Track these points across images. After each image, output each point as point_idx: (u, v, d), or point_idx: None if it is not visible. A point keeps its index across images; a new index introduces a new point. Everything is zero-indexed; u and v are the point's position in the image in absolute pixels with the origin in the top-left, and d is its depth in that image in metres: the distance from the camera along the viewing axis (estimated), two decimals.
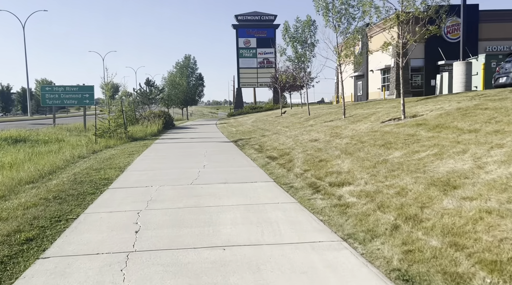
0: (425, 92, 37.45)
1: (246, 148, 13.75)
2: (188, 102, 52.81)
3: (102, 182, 8.25)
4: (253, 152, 12.46)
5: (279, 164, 9.66)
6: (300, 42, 21.42)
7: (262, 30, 58.75)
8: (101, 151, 14.76)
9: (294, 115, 25.01)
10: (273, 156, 11.01)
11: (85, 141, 17.86)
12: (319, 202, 6.00)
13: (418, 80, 39.97)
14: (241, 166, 10.04)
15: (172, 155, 12.65)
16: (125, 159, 11.84)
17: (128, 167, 10.14)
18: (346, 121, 14.68)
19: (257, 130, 20.46)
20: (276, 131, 17.91)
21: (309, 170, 8.32)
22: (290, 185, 7.39)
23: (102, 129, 18.70)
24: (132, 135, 19.57)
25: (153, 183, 7.94)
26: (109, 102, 19.09)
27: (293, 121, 20.72)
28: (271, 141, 14.31)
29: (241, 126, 26.70)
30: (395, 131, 10.05)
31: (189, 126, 32.60)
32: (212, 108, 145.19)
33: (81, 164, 11.30)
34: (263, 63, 59.53)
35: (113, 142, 17.45)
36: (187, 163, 10.74)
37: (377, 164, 7.46)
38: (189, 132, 24.24)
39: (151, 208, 5.96)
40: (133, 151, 13.89)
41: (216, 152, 13.21)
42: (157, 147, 15.48)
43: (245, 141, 15.95)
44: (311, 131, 14.31)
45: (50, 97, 29.09)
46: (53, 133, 23.67)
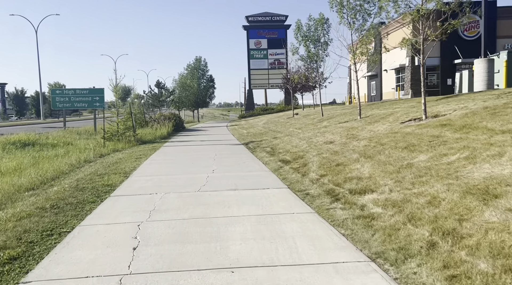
0: (441, 92, 36.45)
1: (257, 151, 13.16)
2: (199, 105, 52.46)
3: (105, 188, 7.74)
4: (264, 155, 11.86)
5: (292, 168, 9.05)
6: (312, 41, 20.77)
7: (273, 31, 58.15)
8: (109, 155, 14.33)
9: (307, 117, 24.35)
10: (286, 160, 10.40)
11: (93, 145, 17.50)
12: (339, 212, 5.38)
13: (434, 79, 38.93)
14: (252, 170, 9.45)
15: (180, 158, 12.13)
16: (131, 163, 11.35)
17: (133, 172, 9.63)
18: (362, 122, 13.99)
19: (269, 132, 19.87)
20: (288, 133, 17.29)
21: (325, 175, 7.69)
22: (306, 192, 6.78)
23: (111, 132, 18.31)
24: (141, 138, 19.15)
25: (158, 190, 7.40)
26: (118, 105, 18.71)
27: (306, 123, 20.08)
28: (283, 144, 13.70)
29: (252, 128, 26.14)
30: (418, 133, 9.36)
31: (200, 128, 32.17)
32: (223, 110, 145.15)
33: (86, 168, 10.84)
34: (274, 64, 58.91)
35: (121, 145, 17.04)
36: (196, 167, 10.20)
37: (402, 169, 6.80)
38: (199, 134, 23.76)
39: (153, 219, 5.40)
40: (140, 155, 13.41)
41: (226, 155, 12.66)
42: (166, 150, 14.99)
43: (256, 144, 15.37)
44: (325, 133, 13.66)
45: (60, 100, 29.00)
46: (62, 137, 23.43)
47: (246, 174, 8.98)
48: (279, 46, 58.26)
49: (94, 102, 28.47)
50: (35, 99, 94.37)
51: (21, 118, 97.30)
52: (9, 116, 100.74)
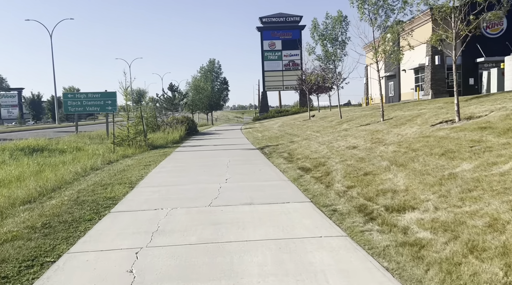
0: (463, 92, 35.04)
1: (273, 157, 12.28)
2: (213, 107, 51.79)
3: (106, 202, 6.96)
4: (282, 162, 10.98)
5: (314, 178, 8.14)
6: (330, 40, 19.82)
7: (287, 31, 57.24)
8: (117, 161, 13.65)
9: (324, 119, 23.37)
10: (306, 167, 9.49)
11: (103, 151, 16.89)
12: (377, 236, 4.46)
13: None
14: (269, 179, 8.57)
15: (191, 166, 11.33)
16: (139, 171, 10.60)
17: (140, 182, 8.85)
18: (386, 124, 12.99)
19: (285, 136, 18.97)
20: (306, 136, 16.36)
21: (353, 187, 6.77)
22: (333, 207, 5.87)
23: (121, 137, 17.67)
24: (152, 143, 18.46)
25: (164, 203, 6.59)
26: (129, 108, 18.07)
27: (324, 125, 19.12)
28: (301, 149, 12.79)
29: (267, 131, 25.28)
30: (454, 137, 8.36)
31: (213, 132, 31.44)
32: (237, 112, 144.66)
33: (91, 177, 10.13)
34: (289, 66, 57.97)
35: (131, 151, 16.36)
36: (207, 175, 9.37)
37: (444, 180, 5.84)
38: (212, 138, 23.01)
39: (155, 244, 4.58)
40: (150, 161, 12.67)
41: (241, 161, 11.81)
42: (177, 156, 14.23)
43: (272, 149, 14.49)
44: (347, 137, 12.70)
45: (72, 104, 28.64)
46: (73, 142, 22.98)
47: (262, 183, 8.11)
48: (293, 47, 57.31)
49: (106, 106, 28.03)
50: (51, 103, 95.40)
51: (37, 123, 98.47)
52: (26, 121, 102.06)
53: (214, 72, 51.30)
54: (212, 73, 51.04)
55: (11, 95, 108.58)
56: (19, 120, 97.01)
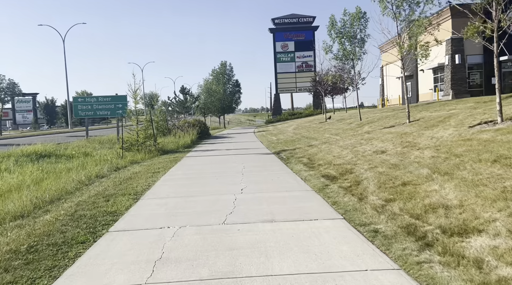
0: (485, 92, 33.64)
1: (292, 162, 11.30)
2: (225, 110, 51.04)
3: (105, 218, 6.08)
4: (302, 168, 9.99)
5: (342, 188, 7.14)
6: (348, 37, 18.79)
7: (300, 33, 56.26)
8: (125, 168, 12.83)
9: (342, 121, 22.29)
10: (330, 175, 8.49)
11: (111, 156, 16.14)
12: (442, 272, 3.45)
13: (477, 78, 36.01)
14: (290, 189, 7.60)
15: (203, 173, 10.41)
16: (146, 179, 9.72)
17: (146, 193, 7.96)
18: (415, 126, 11.91)
19: (302, 139, 17.97)
20: (325, 140, 15.34)
21: (393, 200, 5.75)
22: (373, 227, 4.87)
23: (130, 142, 16.89)
24: (162, 147, 17.64)
25: (171, 220, 5.67)
26: (138, 111, 17.30)
27: (343, 128, 18.06)
28: (322, 154, 11.78)
29: (281, 134, 24.30)
30: (502, 140, 7.28)
31: (226, 135, 30.58)
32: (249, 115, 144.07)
33: (94, 186, 9.29)
34: (302, 67, 56.95)
35: (140, 156, 15.55)
36: (220, 184, 8.44)
37: (508, 193, 4.80)
38: (225, 142, 22.11)
39: (157, 280, 3.64)
40: (159, 168, 11.80)
41: (256, 168, 10.85)
42: (188, 161, 13.34)
43: (289, 153, 13.51)
44: (372, 140, 11.66)
45: (82, 109, 28.17)
46: (82, 147, 22.37)
47: (283, 194, 7.14)
48: (306, 48, 56.33)
49: (117, 110, 27.42)
50: (64, 108, 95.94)
51: (51, 127, 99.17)
52: (40, 126, 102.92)
53: (226, 74, 50.60)
54: (224, 76, 50.33)
55: (25, 100, 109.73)
56: (33, 125, 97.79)
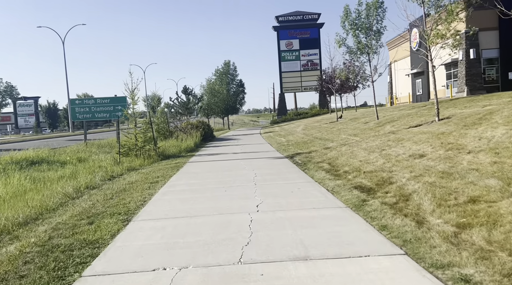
0: (502, 87, 32.02)
1: (311, 168, 9.81)
2: (229, 111, 49.55)
3: (83, 252, 4.62)
4: (325, 176, 8.49)
5: (387, 205, 5.63)
6: (363, 29, 17.27)
7: (305, 30, 54.69)
8: (121, 176, 11.40)
9: (355, 120, 20.76)
10: (364, 185, 6.99)
11: (107, 162, 14.75)
12: None
13: (493, 73, 34.36)
14: (317, 205, 6.11)
15: (208, 183, 8.93)
16: (142, 192, 8.27)
17: (140, 211, 6.50)
18: (450, 125, 10.39)
19: (315, 141, 16.46)
20: (343, 141, 13.83)
21: (468, 226, 4.24)
22: (458, 272, 3.36)
23: (128, 146, 15.46)
24: (163, 152, 16.19)
25: (168, 256, 4.20)
26: (136, 113, 15.87)
27: (360, 128, 16.54)
28: (344, 157, 10.28)
29: (290, 135, 22.79)
30: None
31: (231, 137, 29.11)
32: (253, 116, 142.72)
33: (81, 201, 7.85)
34: (307, 66, 55.38)
35: (139, 162, 14.12)
36: (230, 199, 6.97)
37: None
38: (231, 144, 20.64)
39: None
40: (158, 177, 10.35)
41: (270, 175, 9.37)
42: (191, 168, 11.88)
43: (305, 157, 12.01)
44: (401, 142, 10.14)
45: (80, 111, 26.90)
46: (79, 151, 21.04)
47: (310, 213, 5.65)
48: (312, 46, 54.82)
49: (116, 112, 26.09)
50: (66, 111, 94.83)
51: (53, 131, 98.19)
52: (42, 130, 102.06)
53: (230, 74, 49.13)
54: (228, 76, 48.86)
55: (27, 104, 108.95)
56: (35, 129, 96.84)
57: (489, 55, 33.02)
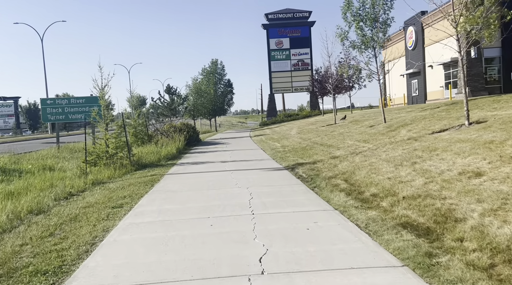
0: (504, 88, 30.38)
1: (322, 187, 7.61)
2: (216, 112, 47.14)
3: None
4: (346, 201, 6.31)
5: (477, 269, 3.46)
6: (369, 20, 15.21)
7: (295, 29, 52.67)
8: (81, 194, 9.10)
9: (357, 123, 18.68)
10: (416, 223, 4.80)
11: (73, 172, 12.43)
12: None
13: (494, 74, 32.71)
14: (356, 261, 3.90)
15: (188, 209, 6.65)
16: (96, 225, 5.96)
17: (77, 270, 4.20)
18: (493, 132, 8.31)
19: (315, 147, 14.31)
20: (352, 149, 11.68)
21: None
22: None
23: (97, 153, 13.10)
24: (139, 160, 13.83)
25: None
26: (107, 115, 13.49)
27: (367, 132, 14.43)
28: (364, 172, 8.10)
29: (285, 139, 20.61)
30: None
31: (219, 140, 26.80)
32: (240, 118, 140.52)
33: (6, 240, 5.52)
34: (298, 66, 53.36)
35: (108, 173, 11.76)
36: (218, 243, 4.71)
37: None
38: (219, 150, 18.36)
39: None
40: (125, 197, 8.03)
41: (271, 197, 7.14)
42: (169, 184, 9.57)
43: (310, 169, 9.83)
44: (435, 152, 8.01)
45: (52, 112, 24.36)
46: (48, 157, 18.54)
47: (350, 280, 3.45)
48: (303, 45, 52.86)
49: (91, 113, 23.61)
50: None
51: (34, 133, 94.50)
52: (23, 131, 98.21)
53: (217, 73, 46.74)
54: (215, 75, 46.48)
55: (7, 104, 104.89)
56: (14, 130, 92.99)
57: (489, 54, 31.37)
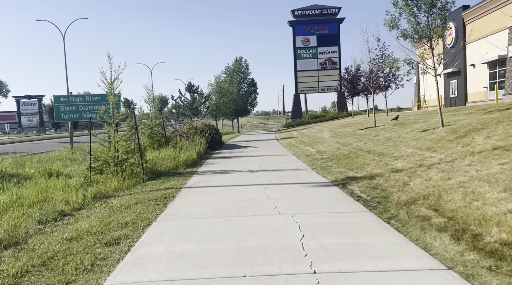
0: None
1: (401, 219, 5.32)
2: (239, 113, 45.07)
3: None
4: (455, 248, 4.03)
5: None
6: (427, 4, 12.78)
7: (323, 26, 50.10)
8: (76, 213, 7.08)
9: (403, 126, 16.18)
10: None
11: (78, 180, 10.56)
12: None
13: None
14: None
15: (214, 251, 4.46)
16: (73, 283, 3.85)
17: None
18: None
19: (362, 155, 11.95)
20: (414, 159, 9.29)
21: None
22: None
23: (104, 159, 11.13)
24: (154, 167, 11.79)
25: None
26: (116, 114, 11.54)
27: (426, 138, 11.97)
28: (456, 197, 5.75)
29: (319, 144, 18.28)
30: None
31: (243, 143, 24.66)
32: (262, 118, 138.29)
33: None
34: (325, 65, 50.77)
35: (115, 183, 9.75)
36: None
37: None
38: (244, 155, 16.20)
39: None
40: (126, 224, 5.93)
41: (330, 233, 4.89)
42: (187, 203, 7.41)
43: (369, 187, 7.52)
44: None
45: (66, 110, 22.78)
46: (58, 159, 16.85)
47: None
48: (331, 43, 50.29)
49: (108, 112, 21.84)
50: None
51: (57, 131, 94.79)
52: (47, 129, 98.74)
53: (241, 72, 44.65)
54: (239, 74, 44.40)
55: (31, 103, 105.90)
56: (37, 128, 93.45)
57: None
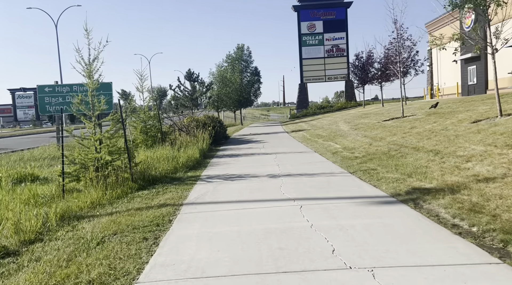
0: None
1: None
2: (242, 104, 42.53)
3: None
4: None
5: None
6: None
7: (330, 10, 47.27)
8: (24, 252, 4.63)
9: (443, 116, 13.68)
10: None
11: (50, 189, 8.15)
12: None
13: None
14: None
15: None
16: None
17: None
18: None
19: (410, 153, 9.50)
20: (496, 161, 6.81)
21: None
22: None
23: (82, 162, 8.64)
24: (146, 171, 9.28)
25: None
26: (98, 105, 9.05)
27: (489, 130, 9.48)
28: None
29: (340, 137, 15.78)
30: None
31: (249, 137, 22.16)
32: (263, 110, 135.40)
33: None
34: (332, 52, 48.04)
35: (93, 195, 7.28)
36: None
37: None
38: (255, 152, 13.72)
39: None
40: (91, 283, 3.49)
41: None
42: (189, 241, 4.93)
43: (458, 207, 5.10)
44: None
45: (51, 102, 20.23)
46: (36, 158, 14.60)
47: None
48: (338, 29, 47.50)
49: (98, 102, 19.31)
50: None
51: (53, 124, 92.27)
52: (43, 122, 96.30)
53: (244, 60, 41.99)
54: (241, 62, 41.75)
55: (27, 95, 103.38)
56: (33, 122, 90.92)
57: None
